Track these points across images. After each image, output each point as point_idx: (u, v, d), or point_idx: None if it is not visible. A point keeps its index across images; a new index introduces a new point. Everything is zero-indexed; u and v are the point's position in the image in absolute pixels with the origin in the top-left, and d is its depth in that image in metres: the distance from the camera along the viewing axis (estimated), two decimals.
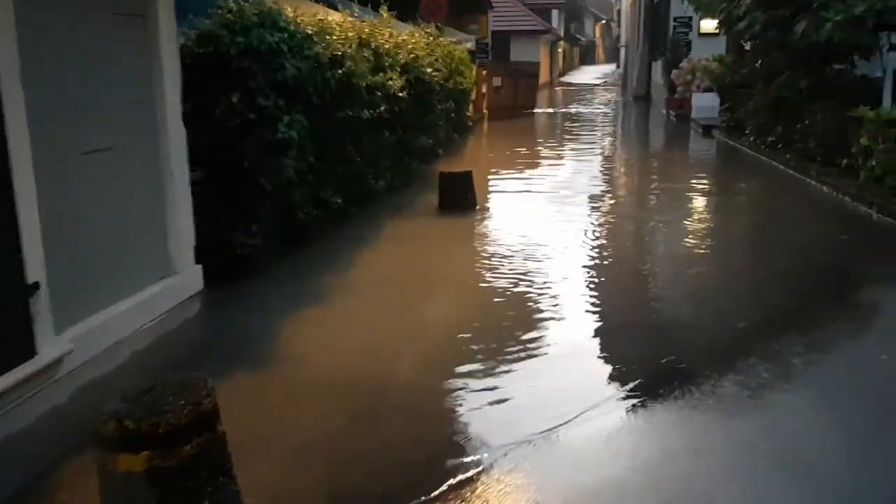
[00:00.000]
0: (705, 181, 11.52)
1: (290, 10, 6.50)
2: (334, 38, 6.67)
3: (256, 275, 6.08)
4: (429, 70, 9.74)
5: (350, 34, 7.12)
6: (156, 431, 2.50)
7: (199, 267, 4.72)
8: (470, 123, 17.72)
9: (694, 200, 9.95)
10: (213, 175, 6.37)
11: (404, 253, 7.20)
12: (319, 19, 6.78)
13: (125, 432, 2.50)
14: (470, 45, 19.77)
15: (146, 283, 4.24)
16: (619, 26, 50.82)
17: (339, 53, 6.65)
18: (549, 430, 3.54)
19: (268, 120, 5.96)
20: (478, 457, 3.34)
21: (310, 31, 6.29)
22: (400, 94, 8.54)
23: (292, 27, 6.21)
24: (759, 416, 3.75)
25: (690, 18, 20.54)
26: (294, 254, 6.77)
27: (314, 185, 6.93)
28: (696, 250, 7.32)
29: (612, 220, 8.64)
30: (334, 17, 7.44)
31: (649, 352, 4.62)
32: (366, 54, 7.29)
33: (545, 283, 6.01)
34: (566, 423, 3.60)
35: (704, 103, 17.89)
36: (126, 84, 4.11)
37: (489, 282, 6.11)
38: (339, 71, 6.59)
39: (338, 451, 3.49)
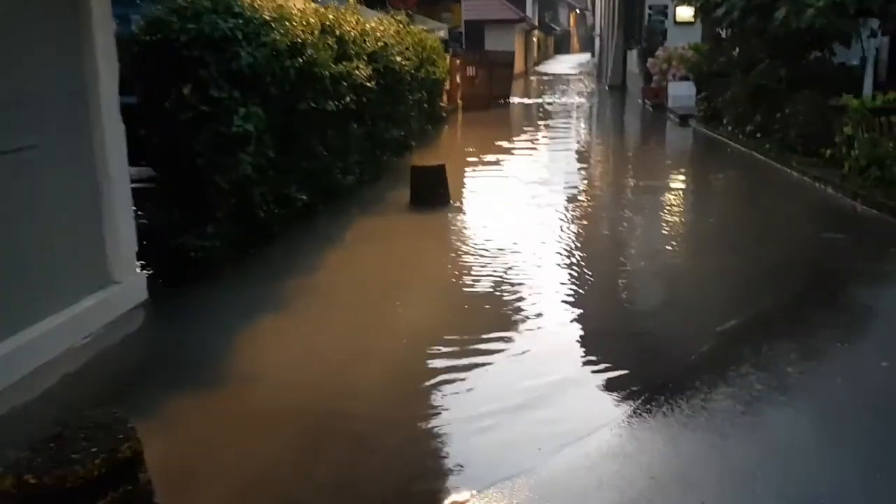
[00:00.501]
0: (684, 173, 11.26)
1: None
2: (294, 24, 6.23)
3: (213, 279, 5.65)
4: (398, 59, 9.32)
5: (312, 20, 6.68)
6: (62, 486, 2.10)
7: (143, 275, 4.32)
8: (444, 114, 17.30)
9: (672, 194, 9.67)
10: (165, 172, 5.96)
11: (373, 253, 6.80)
12: (279, 4, 6.34)
13: (26, 489, 2.10)
14: (443, 33, 19.37)
15: (80, 296, 3.84)
16: (593, 15, 50.59)
17: (300, 41, 6.21)
18: (529, 461, 3.18)
19: (222, 113, 5.53)
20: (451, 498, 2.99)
21: (267, 17, 5.85)
22: (368, 84, 8.13)
23: (248, 13, 5.77)
24: (755, 438, 3.43)
25: (666, 6, 20.33)
26: (255, 255, 6.35)
27: (276, 182, 6.51)
28: (677, 248, 7.02)
29: (589, 216, 8.32)
30: (296, 2, 7.00)
31: (632, 361, 4.29)
32: (329, 42, 6.86)
33: (521, 285, 5.65)
34: (546, 453, 3.25)
35: (681, 92, 17.65)
36: (52, 75, 3.69)
37: (462, 285, 5.75)
38: (300, 60, 6.16)
39: (294, 487, 3.11)
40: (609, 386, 3.96)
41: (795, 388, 3.92)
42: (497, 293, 5.47)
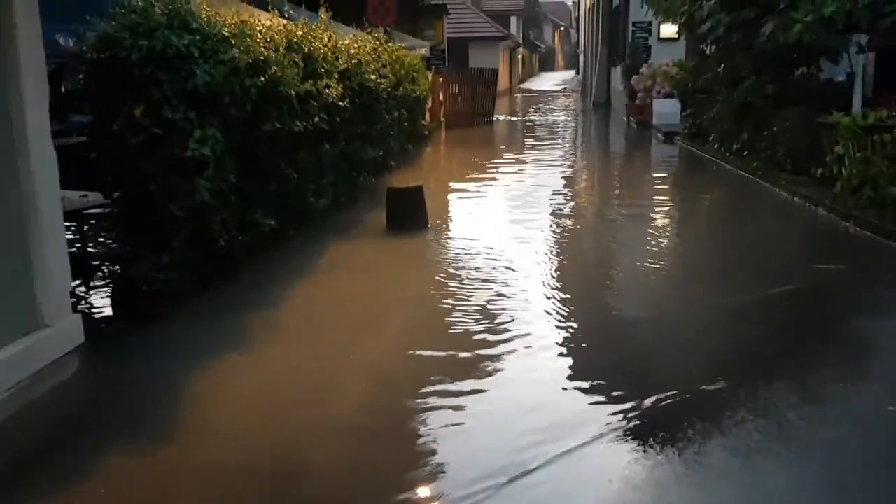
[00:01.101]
0: (670, 193, 10.96)
1: (206, 9, 5.71)
2: (257, 40, 5.87)
3: (168, 315, 5.26)
4: (373, 77, 8.97)
5: (277, 37, 6.32)
6: None
7: (78, 317, 3.91)
8: (426, 132, 17.00)
9: (659, 216, 9.33)
10: (116, 199, 5.58)
11: (344, 282, 6.42)
12: (243, 21, 5.99)
13: None
14: (424, 51, 19.10)
15: (2, 342, 3.42)
16: (577, 33, 50.72)
17: (262, 58, 5.85)
18: None
19: (176, 135, 5.16)
20: None
21: (227, 34, 5.49)
22: (341, 104, 7.76)
23: (206, 28, 5.41)
24: (755, 498, 3.05)
25: (650, 23, 20.17)
26: (217, 287, 5.95)
27: (239, 207, 6.12)
28: (665, 276, 6.62)
29: (574, 241, 7.95)
30: (262, 18, 6.65)
31: (622, 406, 3.91)
32: (296, 59, 6.50)
33: (504, 320, 5.23)
34: None
35: (665, 109, 17.48)
36: None
37: (439, 321, 5.34)
38: (262, 78, 5.79)
39: None
40: (598, 441, 3.55)
41: (797, 437, 3.56)
42: (477, 330, 5.07)
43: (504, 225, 8.32)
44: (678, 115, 16.89)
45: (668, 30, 19.94)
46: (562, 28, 76.63)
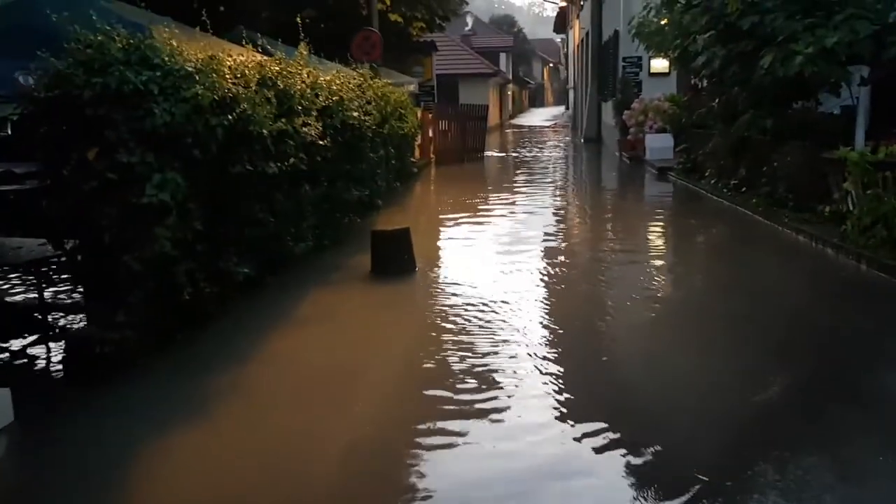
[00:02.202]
0: (667, 233, 10.51)
1: (171, 43, 5.28)
2: (225, 76, 5.43)
3: (123, 377, 4.74)
4: (356, 114, 8.55)
5: (248, 72, 5.89)
6: None
7: (7, 391, 3.39)
8: (415, 170, 16.62)
9: (656, 259, 8.87)
10: (68, 251, 5.09)
11: (322, 337, 5.89)
12: (211, 56, 5.55)
13: None
14: (413, 87, 18.85)
15: None
16: (566, 69, 50.93)
17: (230, 95, 5.40)
18: None
19: (133, 180, 4.69)
20: None
21: (191, 69, 5.05)
22: (321, 142, 7.32)
23: (168, 64, 4.97)
24: None
25: (640, 58, 19.99)
26: (183, 342, 5.44)
27: (208, 256, 5.64)
28: (667, 328, 6.03)
29: (568, 288, 7.39)
30: (233, 54, 6.23)
31: (627, 485, 3.40)
32: (269, 95, 6.06)
33: (494, 383, 4.74)
34: None
35: (658, 144, 17.18)
36: None
37: (425, 381, 4.82)
38: (230, 116, 5.34)
39: None
40: None
41: None
42: (466, 389, 4.57)
43: (494, 270, 7.82)
44: (671, 149, 16.58)
45: (659, 64, 19.81)
46: (551, 64, 77.25)
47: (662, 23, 12.98)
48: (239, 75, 5.71)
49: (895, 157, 7.44)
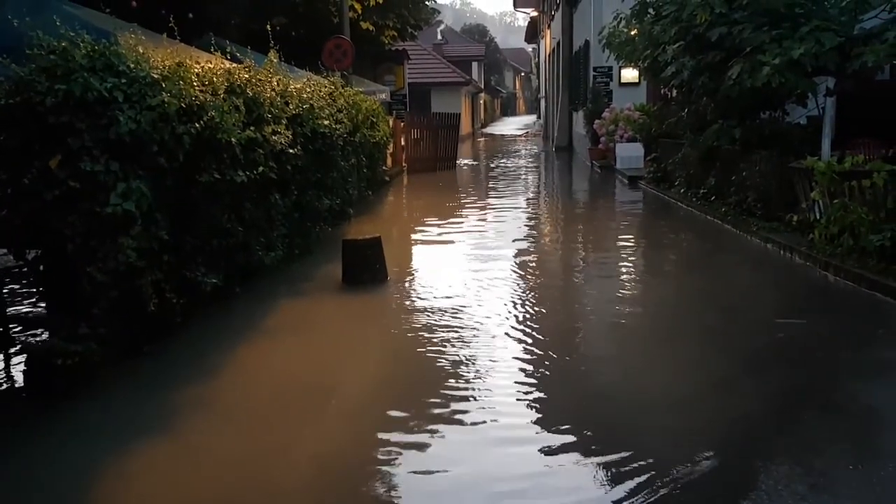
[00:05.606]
0: (637, 241, 10.55)
1: (138, 49, 5.19)
2: (192, 83, 5.34)
3: (86, 391, 4.61)
4: (327, 122, 8.49)
5: (216, 80, 5.81)
6: None
7: None
8: (387, 178, 16.58)
9: (628, 266, 8.90)
10: (30, 261, 4.95)
11: (291, 348, 5.80)
12: (178, 63, 5.46)
13: None
14: (384, 96, 18.81)
15: None
16: (538, 78, 51.31)
17: (197, 103, 5.31)
18: None
19: (96, 189, 4.58)
20: None
21: (157, 76, 4.96)
22: (291, 151, 7.24)
23: (133, 71, 4.88)
24: None
25: (610, 68, 20.16)
26: (149, 354, 5.33)
27: (175, 266, 5.53)
28: (638, 339, 5.99)
29: (540, 296, 7.37)
30: (202, 60, 6.13)
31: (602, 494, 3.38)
32: (237, 103, 5.98)
33: (466, 390, 4.71)
34: None
35: (629, 153, 17.34)
36: None
37: (396, 392, 4.77)
38: (197, 124, 5.25)
39: None
40: None
41: None
42: (434, 403, 4.52)
43: (466, 278, 7.79)
44: (641, 158, 16.74)
45: (630, 74, 20.01)
46: (522, 73, 77.84)
47: (633, 33, 13.09)
48: (207, 83, 5.63)
49: (861, 167, 7.55)
